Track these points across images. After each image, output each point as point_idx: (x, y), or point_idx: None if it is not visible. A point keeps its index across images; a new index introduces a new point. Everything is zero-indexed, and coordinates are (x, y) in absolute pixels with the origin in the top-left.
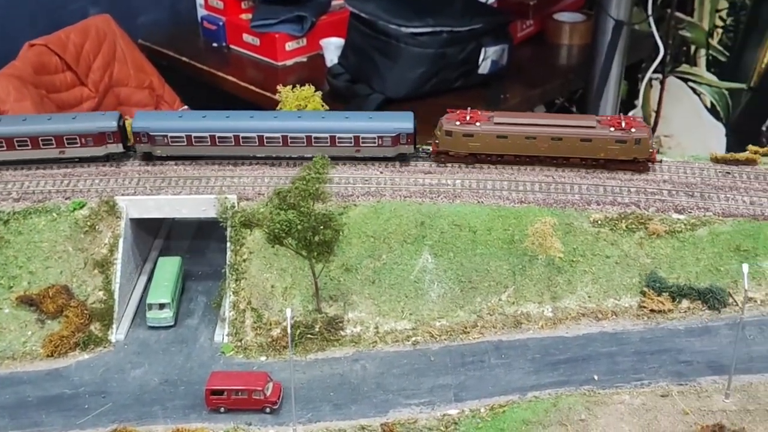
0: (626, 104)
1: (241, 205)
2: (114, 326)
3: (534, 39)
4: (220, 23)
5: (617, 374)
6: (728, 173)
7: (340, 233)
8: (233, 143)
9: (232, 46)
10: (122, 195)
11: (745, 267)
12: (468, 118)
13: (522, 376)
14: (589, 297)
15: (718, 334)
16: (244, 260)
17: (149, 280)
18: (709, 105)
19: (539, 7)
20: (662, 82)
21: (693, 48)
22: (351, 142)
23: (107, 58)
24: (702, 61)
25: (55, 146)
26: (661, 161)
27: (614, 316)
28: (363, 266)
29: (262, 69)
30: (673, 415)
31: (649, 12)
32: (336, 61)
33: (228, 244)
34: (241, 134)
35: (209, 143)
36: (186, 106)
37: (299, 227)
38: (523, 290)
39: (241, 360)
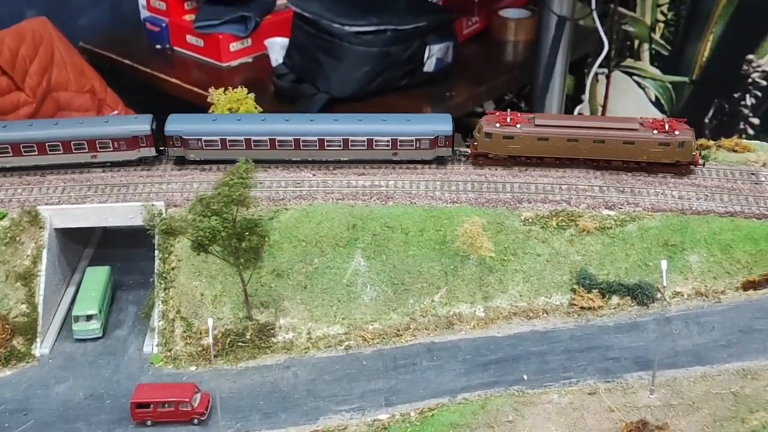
0: (574, 99)
1: (169, 212)
2: (38, 340)
3: (480, 36)
4: (163, 25)
5: (547, 373)
6: None
7: (267, 239)
8: (268, 147)
9: (176, 48)
10: (46, 204)
11: (664, 263)
12: (508, 119)
13: (453, 378)
14: (520, 296)
15: (646, 329)
16: (173, 268)
17: (78, 291)
18: (653, 98)
19: (484, 3)
20: (608, 77)
21: (636, 42)
22: (388, 145)
23: (45, 62)
24: (645, 55)
25: (87, 150)
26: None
27: (545, 315)
28: (295, 271)
29: (206, 70)
30: (599, 413)
31: (593, 7)
32: (281, 61)
33: (156, 252)
34: (277, 137)
35: (244, 147)
36: (121, 110)
37: (223, 234)
38: (456, 291)
39: (171, 371)
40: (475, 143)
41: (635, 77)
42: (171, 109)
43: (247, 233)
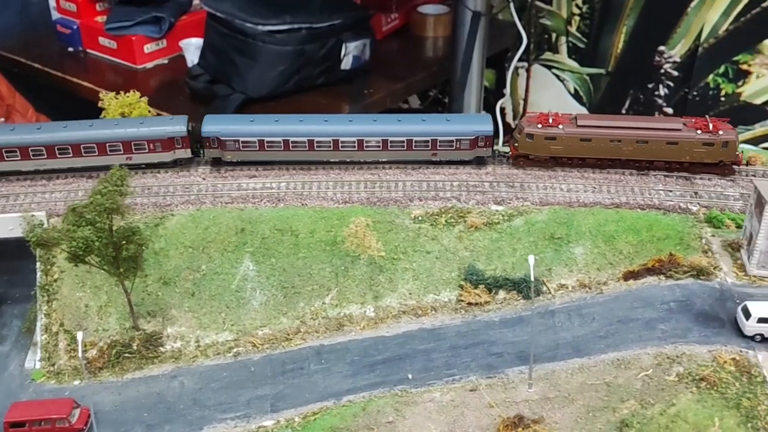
0: (495, 93)
1: (51, 222)
2: None
3: (399, 32)
4: (74, 27)
5: (431, 371)
6: None
7: (146, 247)
8: (307, 148)
9: (88, 50)
10: None
11: (531, 258)
12: (550, 120)
13: (339, 381)
14: (409, 294)
15: (530, 323)
16: (55, 280)
17: None
18: (572, 91)
19: (403, 0)
20: (528, 70)
21: (554, 36)
22: (428, 146)
23: None
24: (563, 48)
25: (122, 152)
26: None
27: (434, 312)
28: (182, 278)
29: (121, 73)
30: (479, 409)
31: (510, 1)
32: (197, 62)
33: (38, 263)
34: (316, 138)
35: (282, 148)
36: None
37: (98, 244)
38: (346, 292)
39: (54, 386)
40: (516, 144)
41: (554, 70)
42: (84, 114)
43: (124, 242)
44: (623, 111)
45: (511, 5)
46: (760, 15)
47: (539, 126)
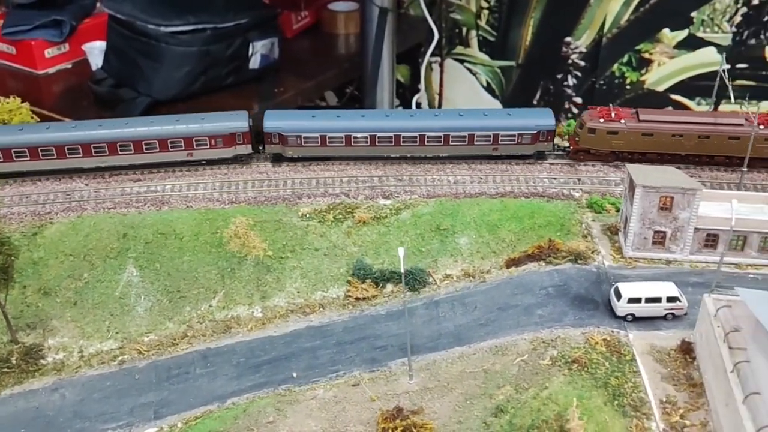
0: (411, 88)
1: None
2: None
3: (311, 30)
4: None
5: (316, 369)
6: None
7: (14, 257)
8: (368, 143)
9: None
10: None
11: (401, 250)
12: (612, 115)
13: (224, 384)
14: (298, 292)
15: (415, 314)
16: None
17: None
18: (485, 84)
19: None
20: (441, 65)
21: (465, 30)
22: (489, 141)
23: None
24: (474, 42)
25: (183, 148)
26: None
27: (322, 309)
28: (63, 288)
29: (21, 79)
30: (360, 403)
31: None
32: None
33: None
34: (378, 134)
35: (344, 143)
36: None
37: None
38: (233, 293)
39: None
40: (576, 138)
41: (466, 64)
42: None
43: None
44: (534, 102)
45: (421, 0)
46: (658, 4)
47: (601, 121)
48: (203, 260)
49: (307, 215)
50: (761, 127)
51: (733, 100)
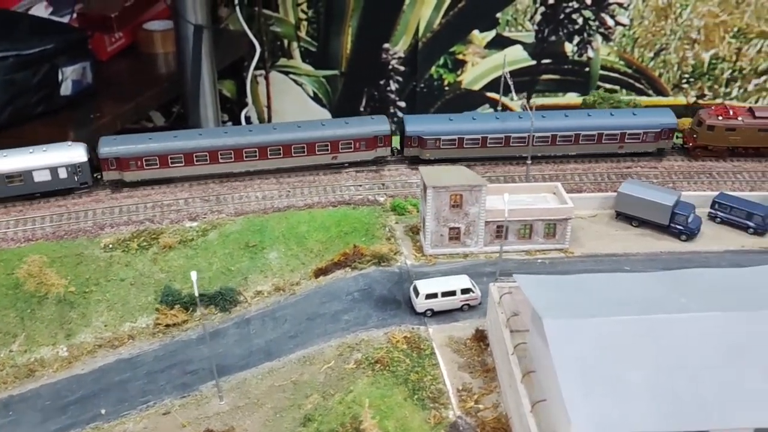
0: (239, 102)
1: None
2: None
3: (128, 51)
4: None
5: (125, 402)
6: None
7: None
8: (503, 144)
9: None
10: None
11: (194, 274)
12: (730, 112)
13: (29, 431)
14: (105, 326)
15: (226, 334)
16: None
17: None
18: (312, 94)
19: (124, 18)
20: (266, 78)
21: (286, 42)
22: (616, 139)
23: None
24: (297, 53)
25: (329, 151)
26: None
27: (131, 340)
28: None
29: None
30: (171, 431)
31: (238, 11)
32: None
33: None
34: (512, 135)
35: (479, 145)
36: None
37: None
38: (35, 335)
39: None
40: (695, 135)
41: (291, 75)
42: None
43: None
44: (361, 109)
45: (239, 15)
46: (466, 7)
47: (720, 118)
48: (0, 304)
49: (110, 245)
50: None
51: (515, 97)
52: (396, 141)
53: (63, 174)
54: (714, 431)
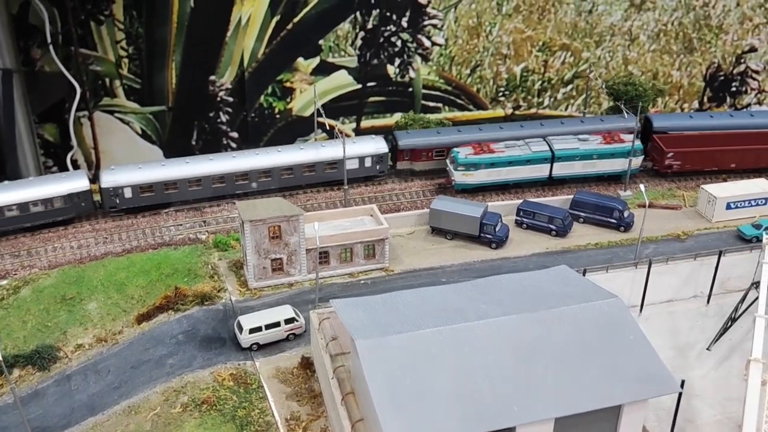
0: (63, 146)
1: None
2: None
3: None
4: None
5: None
6: None
7: None
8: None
9: None
10: None
11: None
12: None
13: None
14: None
15: (46, 395)
16: None
17: None
18: (140, 131)
19: None
20: (90, 119)
21: (108, 80)
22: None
23: None
24: (120, 91)
25: None
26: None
27: None
28: None
29: None
30: None
31: (53, 52)
32: None
33: None
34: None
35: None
36: None
37: None
38: None
39: None
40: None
41: (117, 114)
42: None
43: None
44: (193, 142)
45: (54, 55)
46: (288, 36)
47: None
48: None
49: None
50: None
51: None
52: None
53: None
54: (520, 427)
